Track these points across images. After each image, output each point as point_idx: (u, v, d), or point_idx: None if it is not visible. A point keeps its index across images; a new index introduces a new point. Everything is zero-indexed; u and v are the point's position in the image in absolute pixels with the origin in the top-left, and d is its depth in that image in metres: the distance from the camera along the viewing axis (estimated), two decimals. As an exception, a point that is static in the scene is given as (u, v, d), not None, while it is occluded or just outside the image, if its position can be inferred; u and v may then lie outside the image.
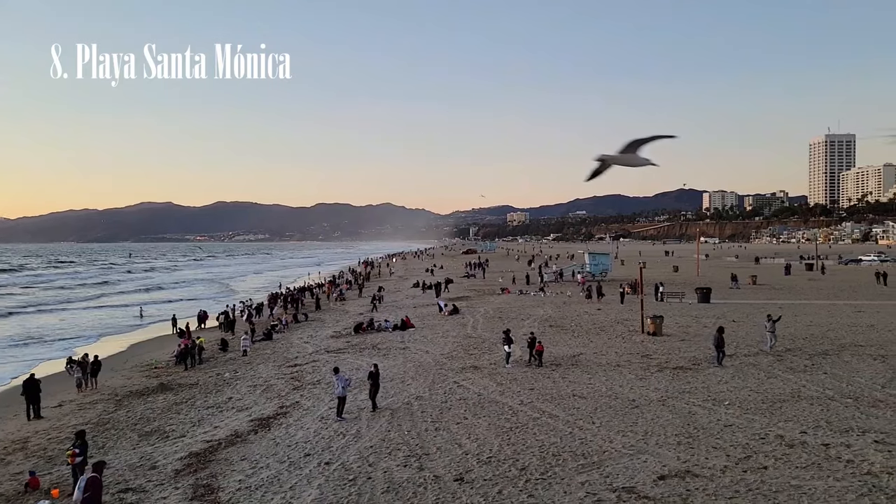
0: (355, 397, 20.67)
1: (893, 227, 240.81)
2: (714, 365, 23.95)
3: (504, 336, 26.09)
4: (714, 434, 15.88)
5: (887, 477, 12.79)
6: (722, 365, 23.84)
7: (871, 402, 18.44)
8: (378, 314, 43.98)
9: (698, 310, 41.49)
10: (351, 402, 19.97)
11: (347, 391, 19.52)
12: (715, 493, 12.27)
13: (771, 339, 26.95)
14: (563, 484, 13.05)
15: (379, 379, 20.08)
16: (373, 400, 19.60)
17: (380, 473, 14.17)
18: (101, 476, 12.65)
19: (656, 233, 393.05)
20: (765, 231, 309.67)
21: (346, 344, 33.01)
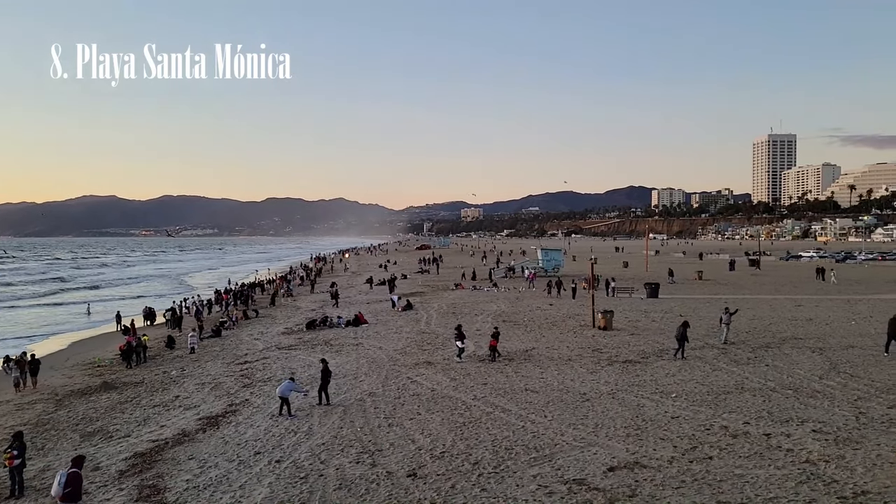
0: (308, 392, 20.41)
1: (831, 225, 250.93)
2: (673, 358, 24.45)
3: (456, 332, 26.21)
4: (662, 426, 16.25)
5: (824, 465, 13.30)
6: (684, 357, 24.38)
7: (809, 392, 19.16)
8: (331, 310, 43.56)
9: (647, 304, 42.42)
10: (304, 399, 19.76)
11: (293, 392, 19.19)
12: (662, 484, 12.55)
13: (725, 331, 27.73)
14: (516, 477, 13.16)
15: (329, 373, 20.01)
16: (323, 394, 19.56)
17: (332, 470, 14.03)
18: (80, 470, 12.47)
19: (607, 229, 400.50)
20: (711, 228, 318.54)
21: (298, 340, 32.58)
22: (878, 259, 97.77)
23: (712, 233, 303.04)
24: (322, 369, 20.00)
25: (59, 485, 11.92)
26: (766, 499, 11.73)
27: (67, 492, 11.88)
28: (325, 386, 19.68)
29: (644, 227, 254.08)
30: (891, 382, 19.73)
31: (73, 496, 11.99)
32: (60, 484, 11.92)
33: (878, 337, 28.61)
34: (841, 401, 18.13)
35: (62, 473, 12.15)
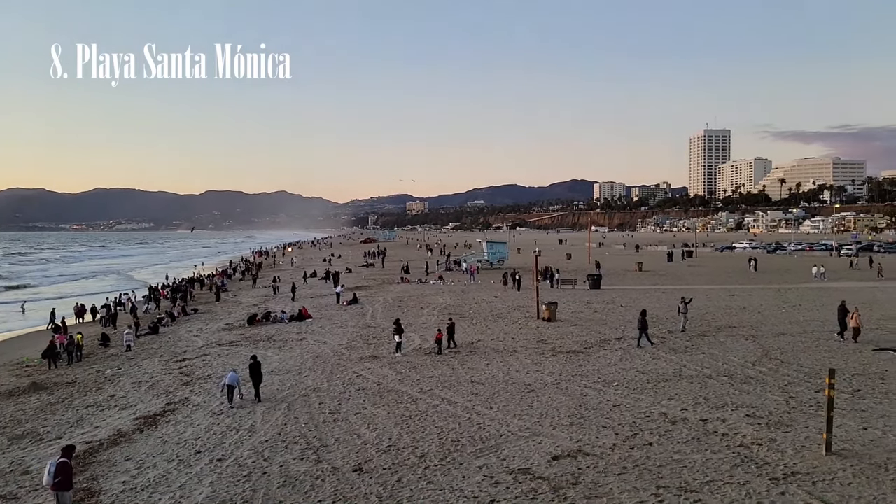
0: (250, 391, 20.02)
1: (762, 217, 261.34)
2: (637, 346, 25.10)
3: (395, 326, 26.15)
4: (604, 414, 16.60)
5: (757, 448, 13.83)
6: (643, 345, 25.03)
7: (743, 378, 19.90)
8: (274, 305, 42.80)
9: (589, 296, 43.25)
10: (247, 396, 19.39)
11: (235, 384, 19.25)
12: (605, 471, 12.82)
13: (683, 320, 28.59)
14: (462, 469, 13.22)
15: (261, 369, 19.86)
16: (256, 390, 19.42)
17: (276, 468, 13.79)
18: (70, 460, 12.33)
19: (550, 222, 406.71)
20: (650, 220, 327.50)
21: (240, 336, 31.89)
22: (807, 249, 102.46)
23: (651, 225, 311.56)
24: (251, 364, 19.81)
25: (49, 474, 11.84)
26: (703, 482, 12.11)
27: (58, 481, 11.77)
28: (256, 382, 19.52)
29: (586, 220, 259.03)
30: (818, 367, 20.66)
31: (64, 485, 11.88)
32: (50, 473, 11.83)
33: (806, 324, 30.00)
34: (772, 386, 18.89)
35: (52, 463, 12.02)
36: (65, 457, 12.26)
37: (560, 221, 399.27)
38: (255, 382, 19.48)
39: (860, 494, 11.38)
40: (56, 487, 11.82)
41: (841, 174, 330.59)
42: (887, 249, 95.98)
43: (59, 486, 11.82)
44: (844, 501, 11.12)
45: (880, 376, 19.77)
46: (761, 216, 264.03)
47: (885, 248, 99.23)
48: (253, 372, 19.53)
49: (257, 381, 19.50)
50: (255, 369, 19.58)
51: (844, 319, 25.97)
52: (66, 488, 11.94)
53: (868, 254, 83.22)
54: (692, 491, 11.73)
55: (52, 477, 11.80)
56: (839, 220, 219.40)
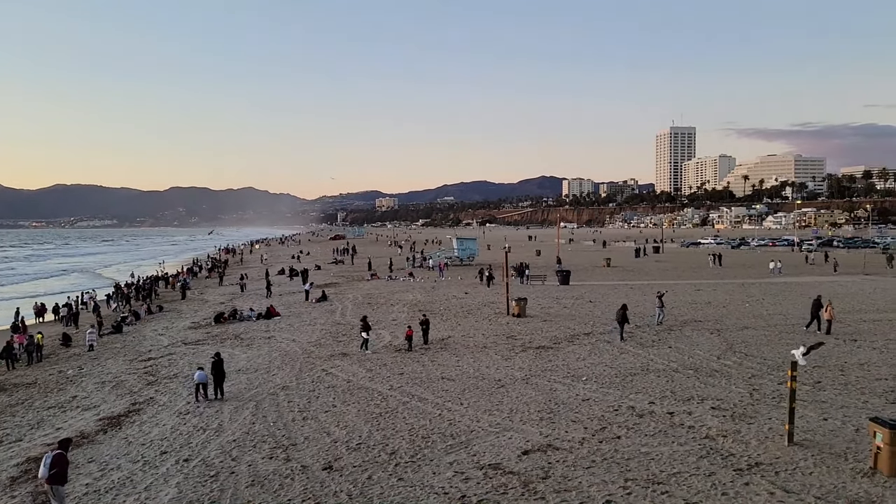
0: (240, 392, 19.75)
1: (727, 213, 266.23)
2: (621, 339, 25.45)
3: (362, 323, 26.01)
4: (573, 408, 16.74)
5: (722, 439, 14.09)
6: (623, 339, 25.41)
7: (708, 372, 20.25)
8: (241, 302, 42.26)
9: (559, 291, 43.57)
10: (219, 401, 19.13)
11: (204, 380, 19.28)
12: (574, 464, 12.93)
13: (660, 314, 29.14)
14: (433, 465, 13.21)
15: (223, 367, 19.79)
16: (218, 388, 19.37)
17: (244, 467, 13.61)
18: (66, 453, 12.24)
19: (520, 218, 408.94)
20: (618, 216, 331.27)
21: (206, 335, 31.40)
22: (770, 245, 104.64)
23: (619, 221, 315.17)
24: (214, 362, 19.70)
25: (45, 466, 11.69)
26: (669, 474, 12.29)
27: (53, 473, 11.67)
28: (219, 380, 19.43)
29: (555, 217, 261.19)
30: (780, 360, 21.13)
31: (59, 478, 11.79)
32: (46, 465, 11.69)
33: (769, 318, 30.63)
34: (737, 379, 19.26)
35: (48, 455, 11.87)
36: (60, 449, 12.19)
37: (529, 218, 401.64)
38: (218, 380, 19.40)
39: (821, 483, 11.67)
40: (51, 480, 11.71)
41: (802, 171, 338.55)
42: (846, 244, 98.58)
43: (54, 478, 11.71)
44: (806, 490, 11.39)
45: (840, 368, 20.31)
46: (725, 212, 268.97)
47: (844, 243, 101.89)
48: (216, 369, 19.42)
49: (220, 379, 19.44)
50: (218, 367, 19.49)
51: (818, 312, 26.75)
52: (61, 482, 11.88)
53: (826, 249, 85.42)
54: (659, 483, 11.90)
55: (48, 469, 11.69)
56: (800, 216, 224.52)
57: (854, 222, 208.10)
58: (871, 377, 19.18)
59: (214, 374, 19.40)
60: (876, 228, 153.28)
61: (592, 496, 11.47)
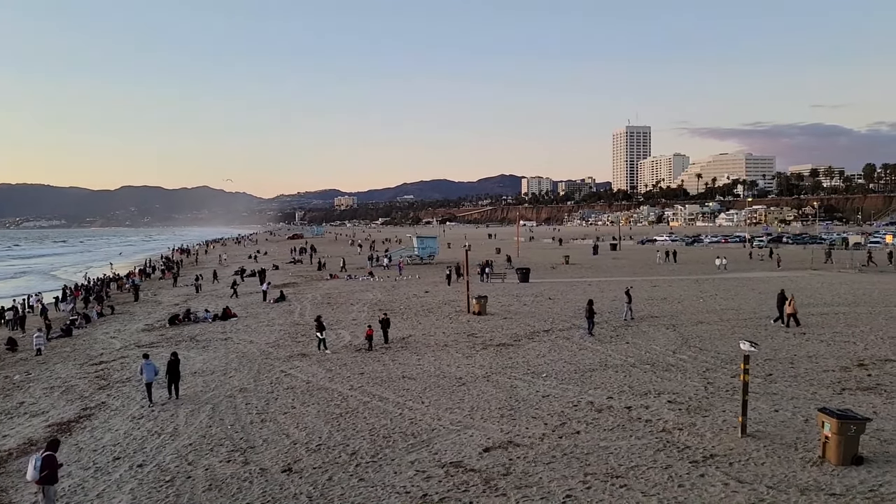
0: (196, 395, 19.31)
1: (681, 210, 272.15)
2: (588, 334, 25.90)
3: (316, 323, 25.74)
4: (533, 405, 16.86)
5: (678, 432, 14.38)
6: (591, 334, 25.85)
7: (665, 366, 20.64)
8: (196, 304, 41.41)
9: (519, 289, 43.88)
10: (166, 398, 18.68)
11: (155, 378, 19.01)
12: (535, 460, 13.02)
13: (628, 310, 29.78)
14: (394, 464, 13.14)
15: (179, 367, 19.54)
16: (171, 388, 19.17)
17: (201, 471, 13.32)
18: (56, 453, 12.09)
19: (480, 216, 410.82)
20: (576, 214, 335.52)
21: (161, 337, 30.65)
22: (722, 241, 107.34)
23: (577, 219, 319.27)
24: (170, 361, 19.43)
25: (35, 469, 11.57)
26: (628, 467, 12.48)
27: (44, 475, 11.58)
28: (175, 379, 19.19)
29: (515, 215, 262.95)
30: (733, 354, 21.64)
31: (50, 479, 11.73)
32: (36, 468, 11.57)
33: (722, 313, 31.39)
34: (692, 373, 19.68)
35: (37, 458, 11.72)
36: (49, 450, 12.04)
37: (489, 216, 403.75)
38: (173, 380, 19.14)
39: (773, 473, 11.99)
40: (42, 481, 11.63)
41: (753, 169, 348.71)
42: (795, 241, 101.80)
43: (46, 479, 11.64)
44: (758, 480, 11.69)
45: (790, 361, 20.93)
46: (680, 210, 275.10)
47: (792, 239, 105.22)
48: (171, 369, 19.14)
49: (175, 379, 19.18)
50: (174, 367, 19.22)
51: (783, 306, 27.68)
52: (51, 482, 11.81)
53: (774, 245, 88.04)
54: (618, 476, 12.07)
55: (38, 471, 11.56)
56: (751, 213, 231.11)
57: (802, 219, 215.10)
58: (820, 369, 19.82)
59: (170, 374, 19.06)
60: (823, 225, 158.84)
61: (553, 491, 11.57)
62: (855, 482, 11.48)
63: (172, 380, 19.13)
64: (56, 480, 11.97)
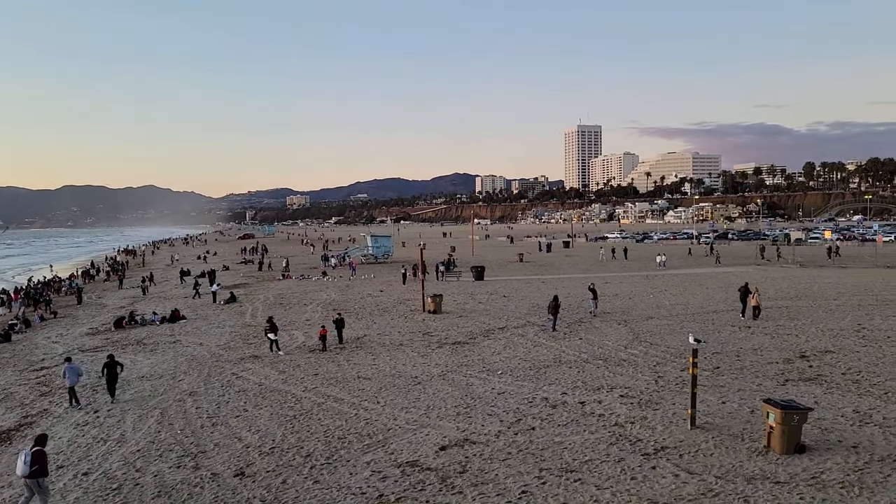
0: (119, 397, 18.73)
1: (631, 208, 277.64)
2: (552, 329, 26.40)
3: (268, 324, 25.27)
4: (489, 402, 16.94)
5: (630, 426, 14.64)
6: (555, 329, 26.37)
7: (617, 361, 21.01)
8: (143, 306, 40.27)
9: (474, 287, 44.04)
10: (117, 403, 18.10)
11: (77, 381, 18.95)
12: (490, 457, 13.07)
13: (594, 306, 30.54)
14: (349, 465, 13.02)
15: (116, 369, 19.19)
16: (110, 391, 18.96)
17: (149, 478, 12.94)
18: (44, 447, 12.24)
19: (434, 215, 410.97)
20: (529, 213, 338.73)
21: (106, 341, 29.68)
22: (671, 238, 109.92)
23: (531, 217, 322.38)
24: (106, 364, 19.12)
25: (25, 464, 11.71)
26: (582, 462, 12.65)
27: (35, 469, 11.74)
28: (112, 381, 18.96)
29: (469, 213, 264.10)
30: (682, 348, 22.18)
31: (41, 472, 11.90)
32: (26, 463, 11.72)
33: (671, 308, 32.13)
34: (643, 367, 20.08)
35: (26, 453, 11.86)
36: (38, 445, 12.18)
37: (444, 215, 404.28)
38: (111, 383, 18.93)
39: (720, 464, 12.32)
40: (33, 476, 11.76)
41: (700, 168, 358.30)
42: (740, 237, 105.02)
43: (37, 473, 11.78)
44: (707, 471, 11.99)
45: (736, 354, 21.55)
46: (630, 207, 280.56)
47: (738, 235, 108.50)
48: (108, 371, 18.87)
49: (112, 382, 18.94)
50: (111, 369, 18.94)
51: (746, 299, 28.75)
52: (43, 475, 11.94)
53: (718, 242, 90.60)
54: (572, 471, 12.22)
55: (29, 466, 11.69)
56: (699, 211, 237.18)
57: (747, 216, 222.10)
58: (764, 361, 20.47)
59: (108, 377, 18.79)
60: (766, 221, 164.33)
61: (509, 487, 11.63)
62: (798, 470, 11.89)
63: (110, 382, 18.85)
64: (46, 473, 12.09)
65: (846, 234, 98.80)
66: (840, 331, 25.01)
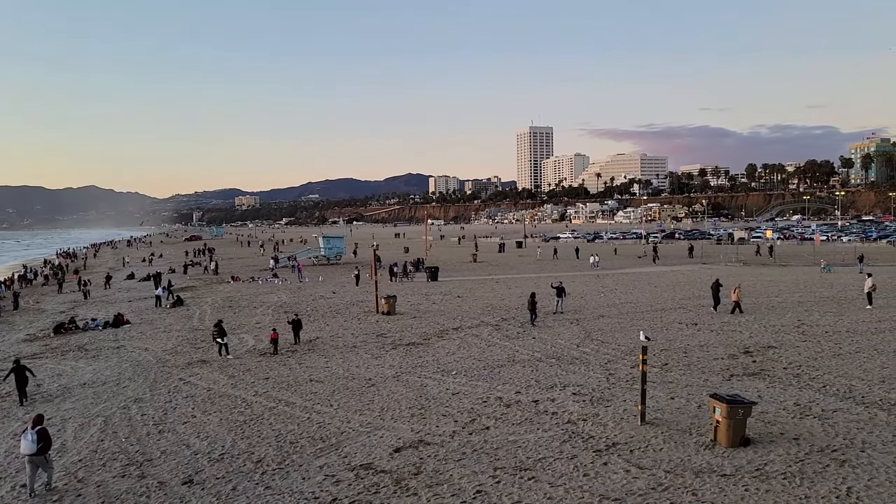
0: (59, 405, 18.00)
1: (582, 208, 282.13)
2: (531, 325, 27.44)
3: (216, 329, 24.68)
4: (444, 403, 16.92)
5: (582, 423, 14.83)
6: (534, 325, 27.20)
7: (569, 360, 21.27)
8: (84, 311, 38.88)
9: (428, 288, 44.01)
10: (57, 412, 17.37)
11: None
12: (445, 458, 13.05)
13: (559, 304, 31.36)
14: (302, 470, 12.81)
15: (26, 373, 18.97)
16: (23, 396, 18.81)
17: (92, 489, 12.47)
18: (43, 425, 12.92)
19: (388, 215, 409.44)
20: (483, 213, 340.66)
21: (45, 347, 28.52)
22: (620, 238, 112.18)
23: (484, 217, 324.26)
24: (12, 368, 18.87)
25: (33, 442, 12.33)
26: (535, 460, 12.74)
27: (41, 446, 12.38)
28: (22, 386, 18.74)
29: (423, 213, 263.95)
30: (632, 345, 22.61)
31: (46, 448, 12.59)
32: (34, 441, 12.34)
33: (621, 307, 32.75)
34: (595, 365, 20.38)
35: (32, 433, 12.44)
36: (39, 424, 12.76)
37: (397, 215, 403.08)
38: (21, 387, 18.67)
39: (670, 458, 12.58)
40: (41, 452, 12.39)
41: (648, 169, 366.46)
42: (686, 236, 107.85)
43: (44, 450, 12.46)
44: (657, 465, 12.23)
45: (683, 350, 22.09)
46: (581, 208, 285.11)
47: (684, 235, 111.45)
48: (17, 376, 18.59)
49: (23, 385, 18.68)
50: (19, 373, 18.63)
51: (718, 295, 30.06)
52: (47, 451, 12.62)
53: (662, 241, 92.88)
54: (526, 469, 12.30)
55: (36, 444, 12.29)
56: (647, 211, 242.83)
57: (693, 216, 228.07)
58: (710, 357, 21.03)
59: (17, 382, 18.55)
60: (711, 222, 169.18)
61: (464, 487, 11.63)
62: (743, 462, 12.23)
63: (19, 386, 18.63)
64: (49, 449, 12.78)
65: (786, 234, 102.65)
66: (781, 327, 25.90)
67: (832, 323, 26.45)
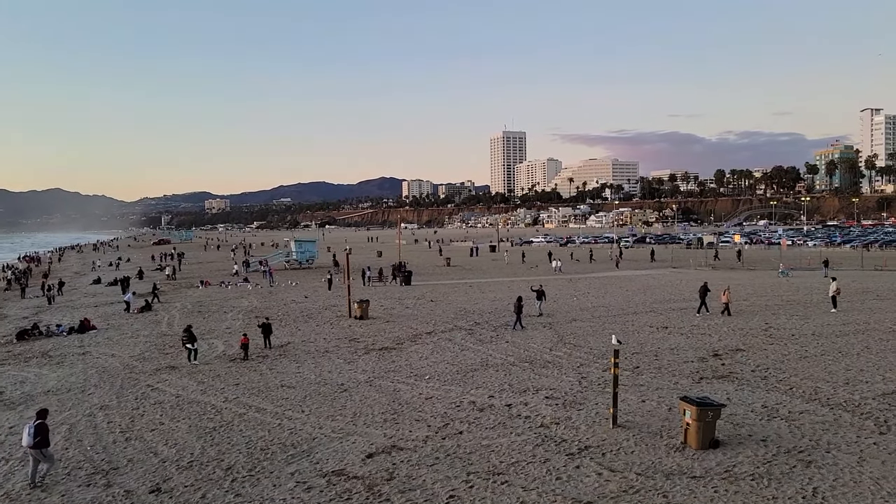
0: (22, 413, 17.52)
1: (555, 213, 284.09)
2: (514, 328, 27.66)
3: (185, 334, 24.27)
4: (416, 407, 16.85)
5: (555, 427, 14.89)
6: (523, 328, 27.50)
7: (542, 363, 21.35)
8: (49, 316, 37.98)
9: (401, 292, 43.89)
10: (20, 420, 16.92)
11: None
12: (418, 463, 12.99)
13: (540, 307, 31.75)
14: (273, 477, 12.64)
15: None
16: None
17: (56, 498, 12.15)
18: (45, 420, 13.25)
19: (361, 219, 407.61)
20: (456, 217, 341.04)
21: (7, 354, 27.74)
22: (593, 242, 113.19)
23: (458, 221, 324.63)
24: None
25: (30, 435, 12.76)
26: (508, 464, 12.75)
27: (38, 440, 12.73)
28: None
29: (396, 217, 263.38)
30: (604, 349, 22.79)
31: (44, 443, 12.93)
32: (31, 435, 12.76)
33: (594, 310, 32.99)
34: (567, 368, 20.49)
35: (30, 426, 12.92)
36: (40, 419, 13.11)
37: (370, 219, 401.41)
38: None
39: (641, 461, 12.69)
40: (37, 446, 12.73)
41: (619, 174, 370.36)
42: (657, 240, 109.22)
43: (40, 444, 12.77)
44: (629, 468, 12.32)
45: (654, 354, 22.32)
46: (554, 212, 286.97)
47: (655, 239, 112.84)
48: None
49: None
50: None
51: (705, 297, 30.75)
52: (46, 445, 12.99)
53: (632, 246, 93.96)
54: (499, 473, 12.29)
55: (33, 437, 12.66)
56: (619, 216, 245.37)
57: (663, 220, 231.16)
58: (680, 360, 21.29)
59: None
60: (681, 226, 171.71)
61: (436, 493, 11.58)
62: (713, 464, 12.39)
63: None
64: (48, 444, 13.16)
65: (753, 238, 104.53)
66: (749, 330, 26.34)
67: (798, 326, 26.98)
